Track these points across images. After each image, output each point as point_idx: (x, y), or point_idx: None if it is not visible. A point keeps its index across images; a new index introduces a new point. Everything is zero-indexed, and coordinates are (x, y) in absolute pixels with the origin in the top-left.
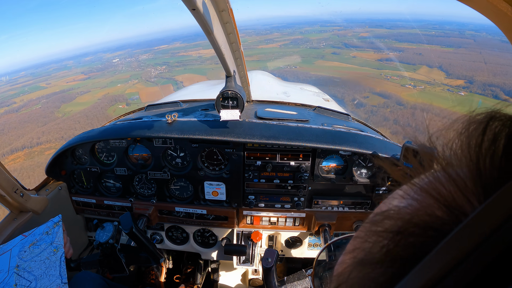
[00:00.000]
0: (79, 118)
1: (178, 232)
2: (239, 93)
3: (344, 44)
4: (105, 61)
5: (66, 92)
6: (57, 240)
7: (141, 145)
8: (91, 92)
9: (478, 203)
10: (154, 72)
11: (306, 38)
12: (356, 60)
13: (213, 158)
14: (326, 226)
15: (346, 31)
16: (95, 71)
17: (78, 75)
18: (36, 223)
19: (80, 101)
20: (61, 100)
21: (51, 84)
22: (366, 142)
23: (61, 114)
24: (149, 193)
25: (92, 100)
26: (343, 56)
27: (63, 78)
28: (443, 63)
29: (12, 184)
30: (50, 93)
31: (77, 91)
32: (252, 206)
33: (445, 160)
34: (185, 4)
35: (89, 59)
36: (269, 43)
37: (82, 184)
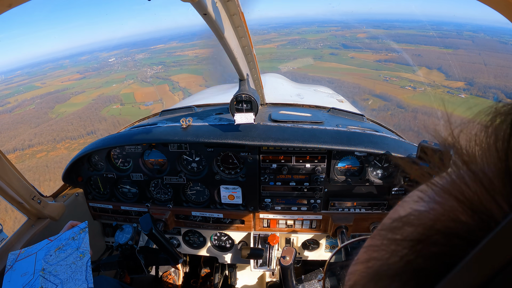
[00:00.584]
0: (72, 119)
1: (195, 236)
2: (253, 96)
3: (342, 45)
4: (101, 61)
5: (60, 92)
6: (83, 245)
7: (157, 150)
8: (86, 93)
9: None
10: (150, 72)
11: (303, 39)
12: (354, 61)
13: (229, 162)
14: (343, 228)
15: (344, 31)
16: (91, 71)
17: (74, 75)
18: (54, 229)
19: (75, 102)
20: (55, 101)
21: (46, 84)
22: (382, 142)
23: (55, 115)
24: (166, 198)
25: (87, 100)
26: (341, 57)
27: (59, 78)
28: (442, 64)
29: (30, 191)
30: (44, 93)
31: (71, 91)
32: (269, 209)
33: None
34: (196, 9)
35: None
36: (266, 43)
37: (99, 190)
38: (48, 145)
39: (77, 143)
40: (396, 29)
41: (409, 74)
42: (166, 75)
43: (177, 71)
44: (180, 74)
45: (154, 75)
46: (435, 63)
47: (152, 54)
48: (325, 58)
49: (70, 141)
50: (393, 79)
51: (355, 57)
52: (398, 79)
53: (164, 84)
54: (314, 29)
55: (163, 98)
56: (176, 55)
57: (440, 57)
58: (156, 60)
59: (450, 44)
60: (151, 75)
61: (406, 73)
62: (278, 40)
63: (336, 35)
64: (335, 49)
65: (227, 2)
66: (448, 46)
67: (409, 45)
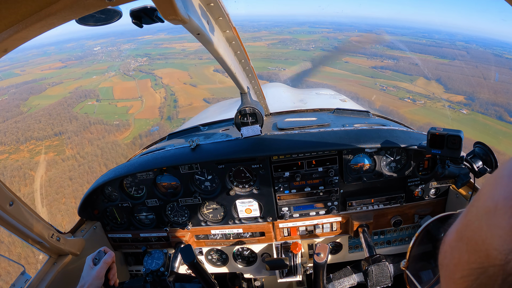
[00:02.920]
0: (41, 116)
1: (218, 254)
2: (256, 108)
3: (335, 48)
4: (86, 49)
5: (37, 82)
6: None
7: (168, 174)
8: (63, 84)
9: None
10: (133, 64)
11: (295, 39)
12: (348, 66)
13: (241, 176)
14: (364, 227)
15: (336, 33)
16: (74, 59)
17: (55, 63)
18: (76, 264)
19: (50, 94)
20: (30, 91)
21: (26, 72)
22: (390, 135)
23: (27, 108)
24: (183, 220)
25: (63, 93)
26: (334, 60)
27: (39, 66)
28: (441, 75)
29: (48, 230)
30: (21, 82)
31: (49, 81)
32: (287, 218)
33: None
34: (189, 30)
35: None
36: (256, 41)
37: (116, 220)
38: (10, 146)
39: (42, 145)
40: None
41: (406, 83)
42: (150, 69)
43: (162, 64)
44: (164, 69)
45: (137, 68)
46: (434, 74)
47: (139, 45)
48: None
49: (36, 142)
50: (390, 89)
51: (349, 62)
52: (396, 89)
53: (147, 79)
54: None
55: (143, 95)
56: (162, 47)
57: (438, 68)
58: (142, 51)
59: (445, 54)
60: (134, 68)
61: (404, 82)
62: (269, 38)
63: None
64: (327, 52)
65: (218, 19)
66: (444, 56)
67: (404, 52)
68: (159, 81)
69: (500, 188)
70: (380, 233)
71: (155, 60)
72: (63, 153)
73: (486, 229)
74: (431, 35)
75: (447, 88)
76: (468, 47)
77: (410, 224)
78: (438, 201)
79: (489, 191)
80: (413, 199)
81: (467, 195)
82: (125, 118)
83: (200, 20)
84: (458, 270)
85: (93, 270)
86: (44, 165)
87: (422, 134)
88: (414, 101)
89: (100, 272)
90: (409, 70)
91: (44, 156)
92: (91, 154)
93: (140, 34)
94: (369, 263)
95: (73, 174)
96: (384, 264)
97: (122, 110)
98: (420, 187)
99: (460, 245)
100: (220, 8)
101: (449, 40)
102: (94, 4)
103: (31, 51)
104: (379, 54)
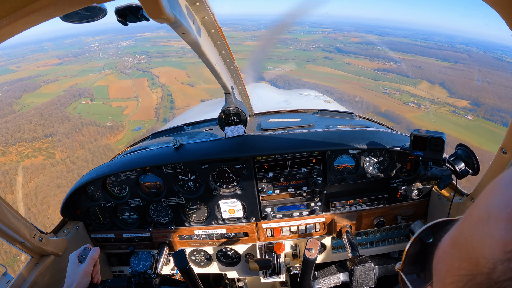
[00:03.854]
0: (32, 116)
1: (201, 254)
2: (240, 108)
3: (336, 49)
4: (84, 46)
5: (32, 79)
6: None
7: (152, 173)
8: (58, 81)
9: None
10: (131, 62)
11: (295, 39)
12: (350, 68)
13: (225, 176)
14: (347, 227)
15: (336, 34)
16: (71, 56)
17: (52, 59)
18: (59, 265)
19: (44, 91)
20: (23, 89)
21: (22, 68)
22: (374, 137)
23: (20, 107)
24: (166, 220)
25: (57, 91)
26: (336, 61)
27: (36, 62)
28: (445, 79)
29: (30, 230)
30: (16, 79)
31: (44, 78)
32: (271, 218)
33: None
34: (174, 29)
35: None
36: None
37: (99, 220)
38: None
39: (32, 147)
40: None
41: (410, 87)
42: (147, 67)
43: (160, 63)
44: (162, 67)
45: (134, 66)
46: (437, 78)
47: (137, 42)
48: (319, 62)
49: (25, 144)
50: (394, 92)
51: (351, 63)
52: (399, 93)
53: (144, 78)
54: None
55: (139, 95)
56: (161, 45)
57: (441, 71)
58: (140, 49)
59: (447, 56)
60: (131, 66)
61: (407, 85)
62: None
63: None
64: (329, 53)
65: (203, 19)
66: (445, 59)
67: (406, 54)
68: (156, 80)
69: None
70: (363, 233)
71: (153, 58)
72: (53, 157)
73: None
74: (431, 37)
75: (451, 93)
76: (469, 50)
77: (393, 225)
78: (420, 202)
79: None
80: (396, 200)
81: (449, 197)
82: (119, 120)
83: (186, 19)
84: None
85: (80, 267)
86: (29, 171)
87: (405, 135)
88: (419, 106)
89: (87, 269)
90: (412, 73)
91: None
92: (81, 160)
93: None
94: (355, 263)
95: (62, 181)
96: (369, 265)
97: (117, 111)
98: (403, 188)
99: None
100: (206, 8)
101: (450, 42)
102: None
103: (28, 46)
104: (381, 56)
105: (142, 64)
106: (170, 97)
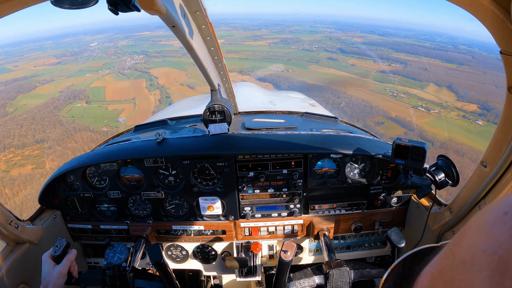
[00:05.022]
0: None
1: (178, 250)
2: (225, 106)
3: (340, 49)
4: (83, 45)
5: (28, 79)
6: None
7: (132, 166)
8: (55, 82)
9: None
10: (129, 62)
11: (297, 38)
12: (355, 69)
13: (206, 173)
14: (325, 230)
15: (338, 34)
16: (69, 55)
17: (50, 59)
18: (34, 253)
19: (40, 92)
20: (18, 90)
21: (19, 67)
22: (356, 143)
23: (13, 109)
24: (145, 213)
25: (53, 92)
26: (340, 62)
27: (33, 61)
28: (452, 82)
29: (6, 216)
30: (11, 79)
31: (40, 78)
32: (249, 218)
33: None
34: (165, 22)
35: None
36: (257, 40)
37: (77, 210)
38: None
39: (22, 154)
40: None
41: (417, 90)
42: (146, 67)
43: (159, 63)
44: (161, 68)
45: (132, 66)
46: (444, 80)
47: (136, 41)
48: (322, 63)
49: (15, 151)
50: (401, 96)
51: (356, 65)
52: (407, 96)
53: (142, 79)
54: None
55: (137, 97)
56: (160, 44)
57: (448, 74)
58: (139, 48)
59: (451, 58)
60: (129, 66)
61: (414, 88)
62: (270, 37)
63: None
64: (332, 53)
65: (195, 13)
66: (450, 60)
67: (410, 55)
68: (155, 82)
69: (480, 239)
70: (340, 237)
71: (152, 58)
72: (43, 166)
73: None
74: (433, 37)
75: (459, 96)
76: (472, 51)
77: (370, 230)
78: (399, 210)
79: (468, 239)
80: (374, 206)
81: (427, 206)
82: (115, 125)
83: (177, 13)
84: None
85: (55, 269)
86: (16, 183)
87: (387, 143)
88: (428, 110)
89: (63, 270)
90: (419, 76)
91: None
92: None
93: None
94: (331, 267)
95: None
96: (345, 269)
97: (113, 114)
98: (382, 195)
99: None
100: (198, 3)
101: (452, 43)
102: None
103: (27, 45)
104: (385, 57)
105: (141, 64)
106: (168, 99)
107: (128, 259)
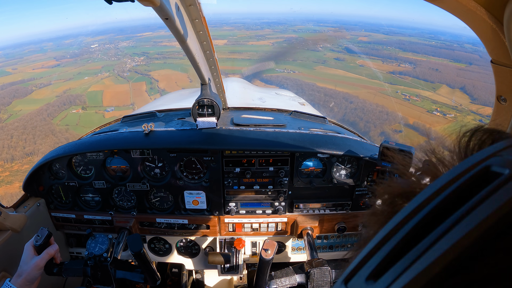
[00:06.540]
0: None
1: (161, 243)
2: (215, 100)
3: (346, 49)
4: (83, 46)
5: (25, 83)
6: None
7: (119, 157)
8: (52, 86)
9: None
10: (129, 64)
11: (301, 38)
12: (364, 70)
13: (192, 167)
14: (308, 230)
15: (343, 33)
16: (69, 57)
17: (50, 61)
18: (16, 241)
19: (36, 97)
20: (13, 95)
21: (17, 70)
22: (344, 143)
23: (7, 115)
24: (129, 205)
25: (49, 96)
26: (348, 63)
27: (33, 64)
28: (465, 83)
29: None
30: (8, 83)
31: (37, 82)
32: (233, 214)
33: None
34: (158, 14)
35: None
36: (260, 40)
37: (61, 199)
38: None
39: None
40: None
41: (429, 92)
42: (146, 70)
43: (160, 65)
44: (162, 70)
45: (133, 69)
46: (457, 82)
47: (137, 42)
48: (329, 64)
49: (3, 165)
50: (414, 99)
51: (364, 66)
52: (420, 99)
53: (142, 82)
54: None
55: (136, 102)
56: (162, 45)
57: (459, 74)
58: (140, 50)
59: (459, 57)
60: (129, 68)
61: (426, 91)
62: (273, 37)
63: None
64: (339, 53)
65: (189, 7)
66: (458, 59)
67: (417, 55)
68: (155, 85)
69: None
70: (323, 237)
71: (153, 59)
72: None
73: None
74: (437, 36)
75: (473, 99)
76: (477, 49)
77: (354, 231)
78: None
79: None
80: (359, 207)
81: None
82: None
83: (171, 5)
84: None
85: (33, 260)
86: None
87: (375, 146)
88: (444, 115)
89: (40, 262)
90: (430, 77)
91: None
92: None
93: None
94: (312, 266)
95: None
96: (326, 269)
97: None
98: (367, 197)
99: None
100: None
101: (457, 42)
102: None
103: (28, 46)
104: (393, 56)
105: (141, 67)
106: None
107: (109, 249)
